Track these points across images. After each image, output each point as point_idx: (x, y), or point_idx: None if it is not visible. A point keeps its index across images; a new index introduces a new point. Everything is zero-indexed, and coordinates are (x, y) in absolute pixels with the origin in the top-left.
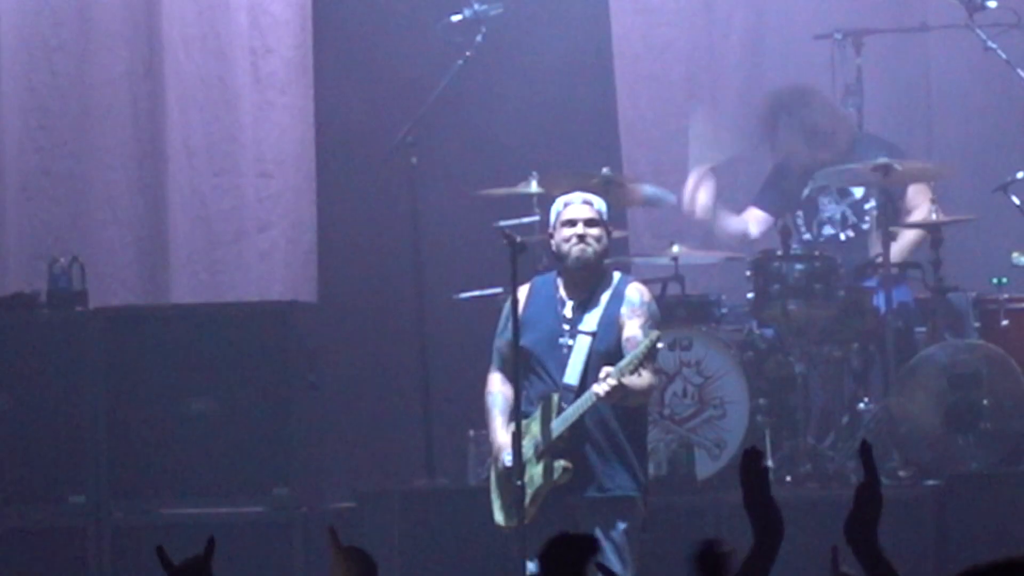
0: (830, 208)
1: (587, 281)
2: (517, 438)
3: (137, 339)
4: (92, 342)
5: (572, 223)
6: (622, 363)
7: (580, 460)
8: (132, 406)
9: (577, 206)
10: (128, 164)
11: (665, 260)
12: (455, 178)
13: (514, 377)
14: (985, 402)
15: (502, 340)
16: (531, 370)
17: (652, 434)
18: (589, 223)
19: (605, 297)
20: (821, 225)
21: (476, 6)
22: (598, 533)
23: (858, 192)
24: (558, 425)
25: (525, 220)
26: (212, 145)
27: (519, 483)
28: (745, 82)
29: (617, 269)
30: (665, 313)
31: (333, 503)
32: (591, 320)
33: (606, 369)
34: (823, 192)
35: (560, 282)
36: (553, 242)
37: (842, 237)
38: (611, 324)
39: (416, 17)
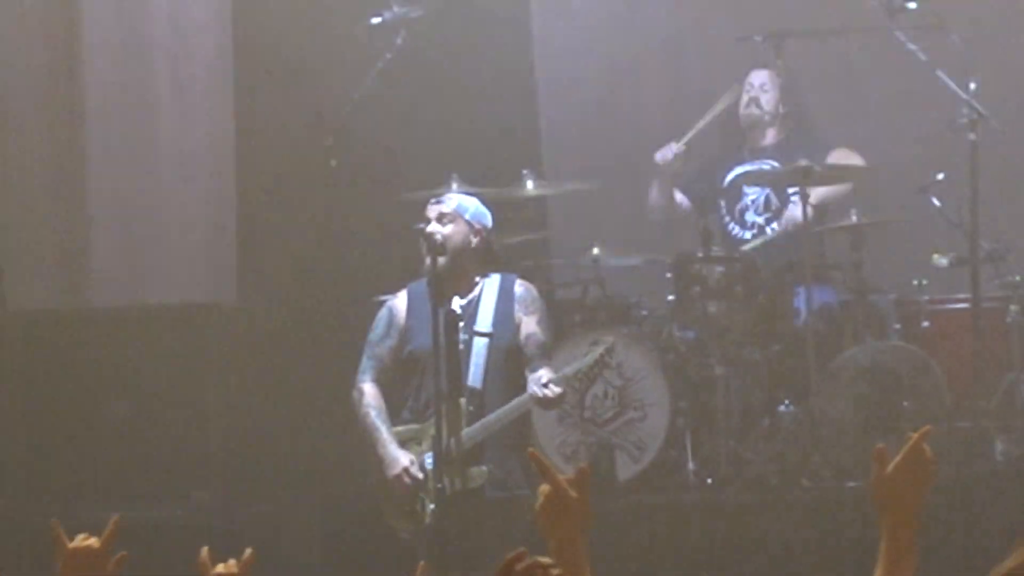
0: (753, 191)
1: (462, 278)
2: (439, 439)
3: (56, 342)
4: (10, 345)
5: (425, 221)
6: (568, 371)
7: (479, 459)
8: (50, 409)
9: (429, 205)
10: (48, 168)
11: (586, 262)
12: (375, 181)
13: (389, 387)
14: (905, 404)
15: (383, 347)
16: (421, 375)
17: (573, 436)
18: (439, 218)
19: (491, 295)
20: (744, 212)
21: (396, 8)
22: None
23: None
24: (478, 431)
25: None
26: (132, 149)
27: (439, 486)
28: (667, 84)
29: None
30: (586, 315)
31: (253, 507)
32: (483, 320)
33: (545, 375)
34: (746, 179)
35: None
36: None
37: (768, 231)
38: (506, 322)
39: (336, 19)
